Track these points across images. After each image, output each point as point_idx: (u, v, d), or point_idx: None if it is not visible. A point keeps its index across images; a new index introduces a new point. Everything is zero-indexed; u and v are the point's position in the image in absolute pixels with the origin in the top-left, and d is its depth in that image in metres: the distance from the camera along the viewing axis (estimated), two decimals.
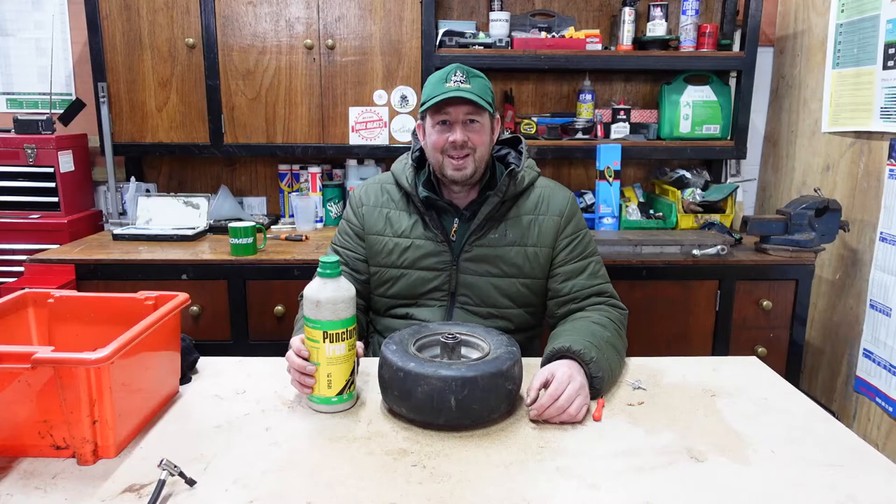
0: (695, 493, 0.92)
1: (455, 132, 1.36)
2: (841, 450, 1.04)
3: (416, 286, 1.44)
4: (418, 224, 1.45)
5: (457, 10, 2.67)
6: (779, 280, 2.21)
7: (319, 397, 1.13)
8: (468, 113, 1.36)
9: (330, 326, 1.10)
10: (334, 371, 1.12)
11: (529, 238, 1.43)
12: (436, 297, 1.44)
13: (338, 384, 1.13)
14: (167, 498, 0.88)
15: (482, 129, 1.38)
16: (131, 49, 2.40)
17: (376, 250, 1.47)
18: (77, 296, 1.21)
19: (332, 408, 1.14)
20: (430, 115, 1.39)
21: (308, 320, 1.11)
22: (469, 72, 1.36)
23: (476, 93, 1.34)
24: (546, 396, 1.10)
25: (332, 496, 0.89)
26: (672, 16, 2.57)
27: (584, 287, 1.43)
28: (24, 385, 0.93)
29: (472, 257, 1.43)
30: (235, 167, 2.76)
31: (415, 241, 1.44)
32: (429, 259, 1.43)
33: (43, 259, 2.11)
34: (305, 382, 1.12)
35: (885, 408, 2.09)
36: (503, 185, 1.41)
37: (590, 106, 2.61)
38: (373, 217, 1.48)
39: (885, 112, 2.08)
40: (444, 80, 1.35)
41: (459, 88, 1.33)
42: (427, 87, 1.39)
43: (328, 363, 1.11)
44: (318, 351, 1.11)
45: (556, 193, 1.48)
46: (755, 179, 2.91)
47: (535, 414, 1.10)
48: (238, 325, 2.19)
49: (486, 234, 1.43)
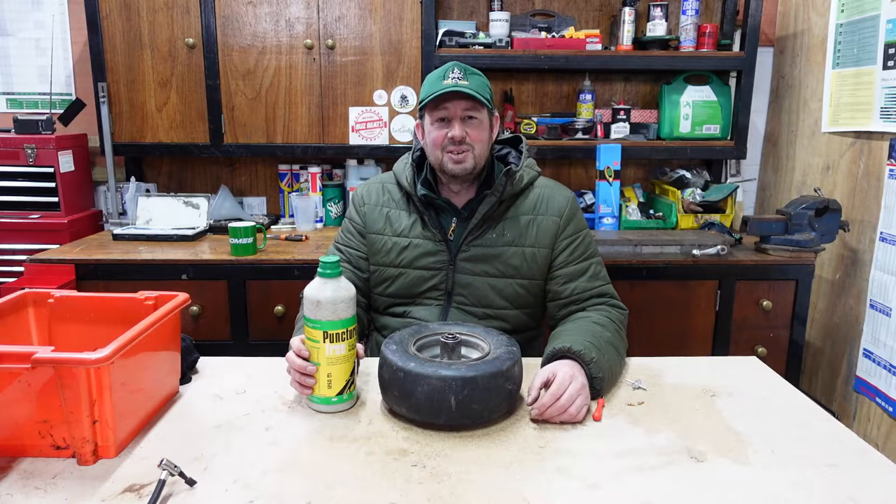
0: (695, 493, 0.92)
1: (454, 128, 1.36)
2: (841, 450, 1.04)
3: (413, 285, 1.44)
4: (417, 223, 1.45)
5: (457, 10, 2.67)
6: (779, 280, 2.21)
7: (320, 397, 1.13)
8: (466, 109, 1.36)
9: (330, 326, 1.10)
10: (335, 371, 1.12)
11: (527, 238, 1.43)
12: (433, 296, 1.44)
13: (338, 384, 1.12)
14: (167, 498, 0.88)
15: (481, 126, 1.38)
16: (131, 49, 2.40)
17: (376, 249, 1.47)
18: (77, 296, 1.21)
19: (332, 408, 1.14)
20: (429, 113, 1.39)
21: (308, 320, 1.11)
22: (466, 69, 1.37)
23: (474, 89, 1.34)
24: (548, 396, 1.10)
25: (332, 496, 0.89)
26: (672, 16, 2.57)
27: (584, 289, 1.42)
28: (24, 385, 0.93)
29: (469, 257, 1.42)
30: (235, 167, 2.76)
31: (413, 241, 1.44)
32: (426, 258, 1.43)
33: (43, 259, 2.11)
34: (305, 383, 1.12)
35: (885, 408, 2.09)
36: (500, 184, 1.40)
37: (590, 106, 2.61)
38: (373, 216, 1.48)
39: (885, 112, 2.08)
40: (441, 77, 1.36)
41: (457, 85, 1.33)
42: (425, 85, 1.40)
43: (328, 363, 1.11)
44: (318, 351, 1.11)
45: (555, 194, 1.47)
46: (755, 179, 2.91)
47: (536, 413, 1.10)
48: (238, 325, 2.19)
49: (483, 234, 1.43)
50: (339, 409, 1.14)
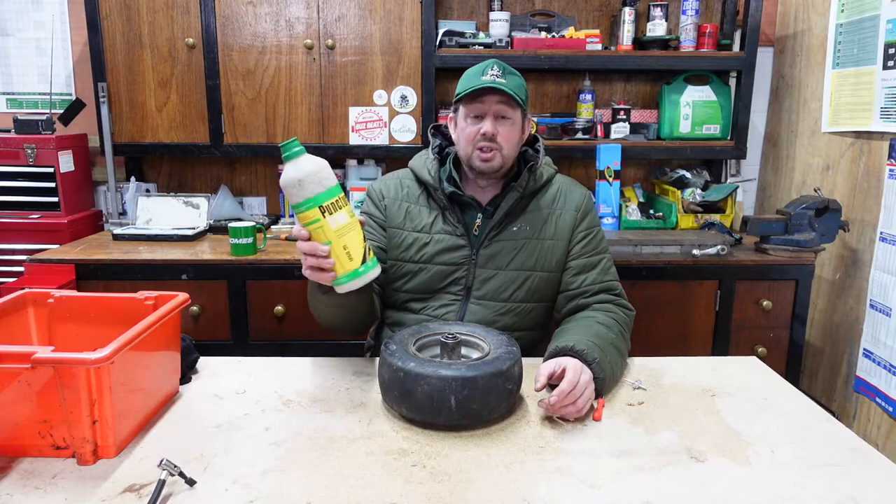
0: (695, 493, 0.92)
1: (486, 123, 1.36)
2: (841, 450, 1.04)
3: (434, 281, 1.44)
4: (438, 219, 1.45)
5: (457, 10, 2.67)
6: (779, 280, 2.21)
7: (346, 275, 1.09)
8: (500, 103, 1.36)
9: (323, 198, 1.06)
10: (348, 240, 1.08)
11: (547, 232, 1.45)
12: (452, 291, 1.44)
13: (357, 253, 1.08)
14: (167, 498, 0.88)
15: (513, 127, 1.39)
16: (131, 49, 2.40)
17: (395, 244, 1.46)
18: (77, 296, 1.21)
19: (362, 279, 1.09)
20: (464, 106, 1.40)
21: (298, 206, 1.07)
22: (506, 68, 1.38)
23: (511, 88, 1.35)
24: (566, 382, 1.09)
25: (332, 496, 0.89)
26: (672, 16, 2.57)
27: (594, 282, 1.43)
28: (24, 385, 0.93)
29: (490, 252, 1.43)
30: (235, 167, 2.76)
31: (434, 236, 1.44)
32: (448, 254, 1.43)
33: (43, 259, 2.11)
34: (324, 265, 1.09)
35: (885, 408, 2.09)
36: (523, 179, 1.42)
37: (590, 106, 2.61)
38: (394, 209, 1.48)
39: (885, 112, 2.08)
40: (480, 73, 1.36)
41: (495, 82, 1.34)
42: (463, 79, 1.40)
43: (338, 236, 1.07)
44: (322, 230, 1.07)
45: (573, 190, 1.50)
46: (755, 179, 2.91)
47: (555, 400, 1.08)
48: (238, 325, 2.19)
49: (504, 229, 1.44)
50: (370, 277, 1.09)
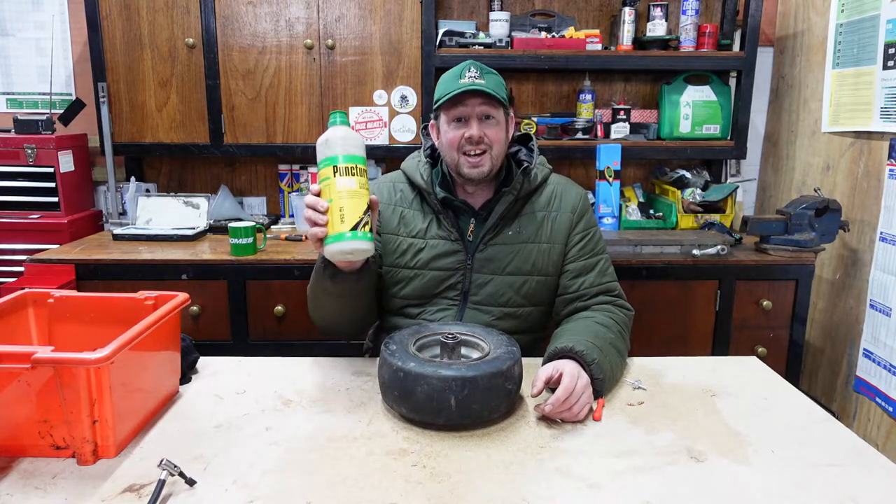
0: (695, 493, 0.92)
1: (471, 127, 1.34)
2: (841, 450, 1.04)
3: (429, 287, 1.41)
4: (433, 224, 1.43)
5: (457, 10, 2.67)
6: (779, 280, 2.21)
7: (333, 236, 1.09)
8: (482, 104, 1.34)
9: (339, 160, 1.09)
10: (346, 205, 1.09)
11: (543, 235, 1.43)
12: (448, 296, 1.42)
13: (351, 219, 1.09)
14: (167, 498, 0.88)
15: (498, 126, 1.37)
16: (131, 49, 2.40)
17: (389, 249, 1.44)
18: (77, 296, 1.21)
19: (345, 244, 1.09)
20: (445, 112, 1.37)
21: (319, 164, 1.12)
22: (483, 68, 1.36)
23: (491, 88, 1.33)
24: (562, 389, 1.09)
25: (332, 496, 0.89)
26: (672, 16, 2.57)
27: (592, 284, 1.42)
28: (24, 385, 0.93)
29: (486, 256, 1.41)
30: (235, 167, 2.76)
31: (429, 242, 1.41)
32: (443, 259, 1.41)
33: (43, 259, 2.11)
34: (318, 219, 1.11)
35: (885, 408, 2.09)
36: (517, 182, 1.40)
37: (590, 106, 2.61)
38: (388, 214, 1.45)
39: (885, 112, 2.08)
40: (458, 76, 1.34)
41: (474, 84, 1.32)
42: (441, 84, 1.38)
43: (339, 196, 1.09)
44: (329, 187, 1.09)
45: (568, 190, 1.48)
46: (755, 179, 2.91)
47: (549, 409, 1.08)
48: (238, 325, 2.19)
49: (500, 233, 1.42)
50: (353, 246, 1.09)
